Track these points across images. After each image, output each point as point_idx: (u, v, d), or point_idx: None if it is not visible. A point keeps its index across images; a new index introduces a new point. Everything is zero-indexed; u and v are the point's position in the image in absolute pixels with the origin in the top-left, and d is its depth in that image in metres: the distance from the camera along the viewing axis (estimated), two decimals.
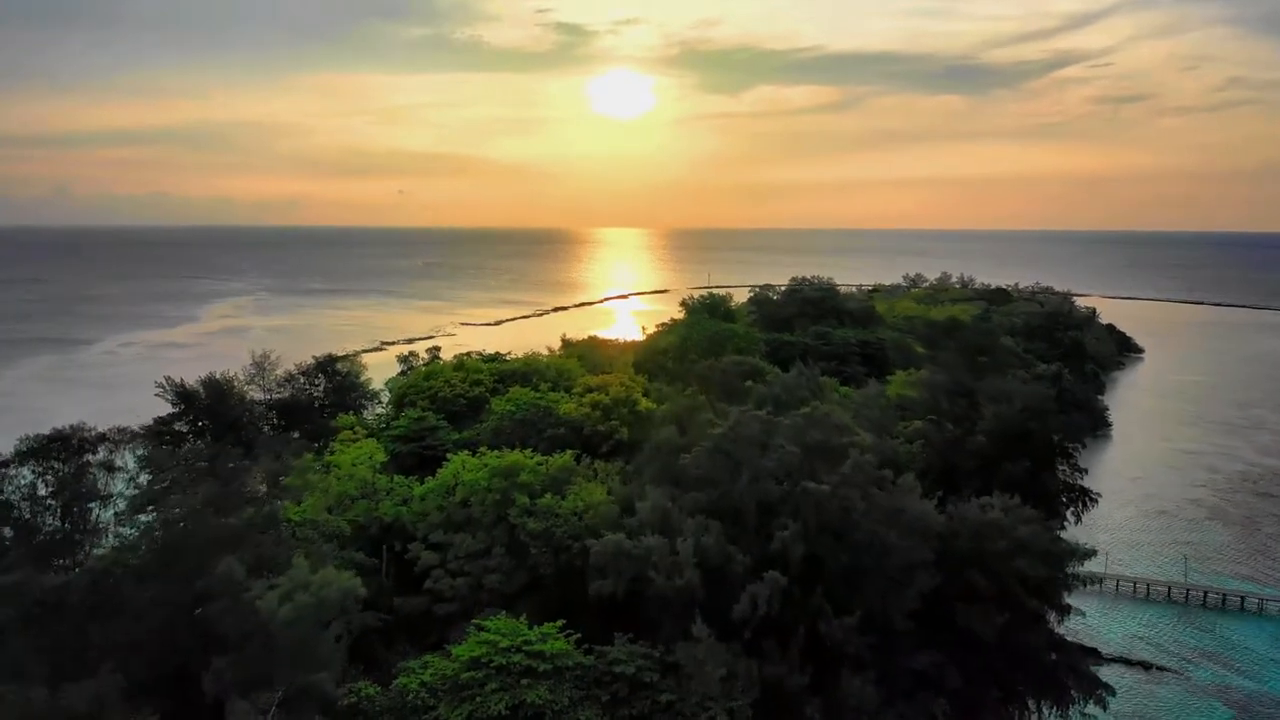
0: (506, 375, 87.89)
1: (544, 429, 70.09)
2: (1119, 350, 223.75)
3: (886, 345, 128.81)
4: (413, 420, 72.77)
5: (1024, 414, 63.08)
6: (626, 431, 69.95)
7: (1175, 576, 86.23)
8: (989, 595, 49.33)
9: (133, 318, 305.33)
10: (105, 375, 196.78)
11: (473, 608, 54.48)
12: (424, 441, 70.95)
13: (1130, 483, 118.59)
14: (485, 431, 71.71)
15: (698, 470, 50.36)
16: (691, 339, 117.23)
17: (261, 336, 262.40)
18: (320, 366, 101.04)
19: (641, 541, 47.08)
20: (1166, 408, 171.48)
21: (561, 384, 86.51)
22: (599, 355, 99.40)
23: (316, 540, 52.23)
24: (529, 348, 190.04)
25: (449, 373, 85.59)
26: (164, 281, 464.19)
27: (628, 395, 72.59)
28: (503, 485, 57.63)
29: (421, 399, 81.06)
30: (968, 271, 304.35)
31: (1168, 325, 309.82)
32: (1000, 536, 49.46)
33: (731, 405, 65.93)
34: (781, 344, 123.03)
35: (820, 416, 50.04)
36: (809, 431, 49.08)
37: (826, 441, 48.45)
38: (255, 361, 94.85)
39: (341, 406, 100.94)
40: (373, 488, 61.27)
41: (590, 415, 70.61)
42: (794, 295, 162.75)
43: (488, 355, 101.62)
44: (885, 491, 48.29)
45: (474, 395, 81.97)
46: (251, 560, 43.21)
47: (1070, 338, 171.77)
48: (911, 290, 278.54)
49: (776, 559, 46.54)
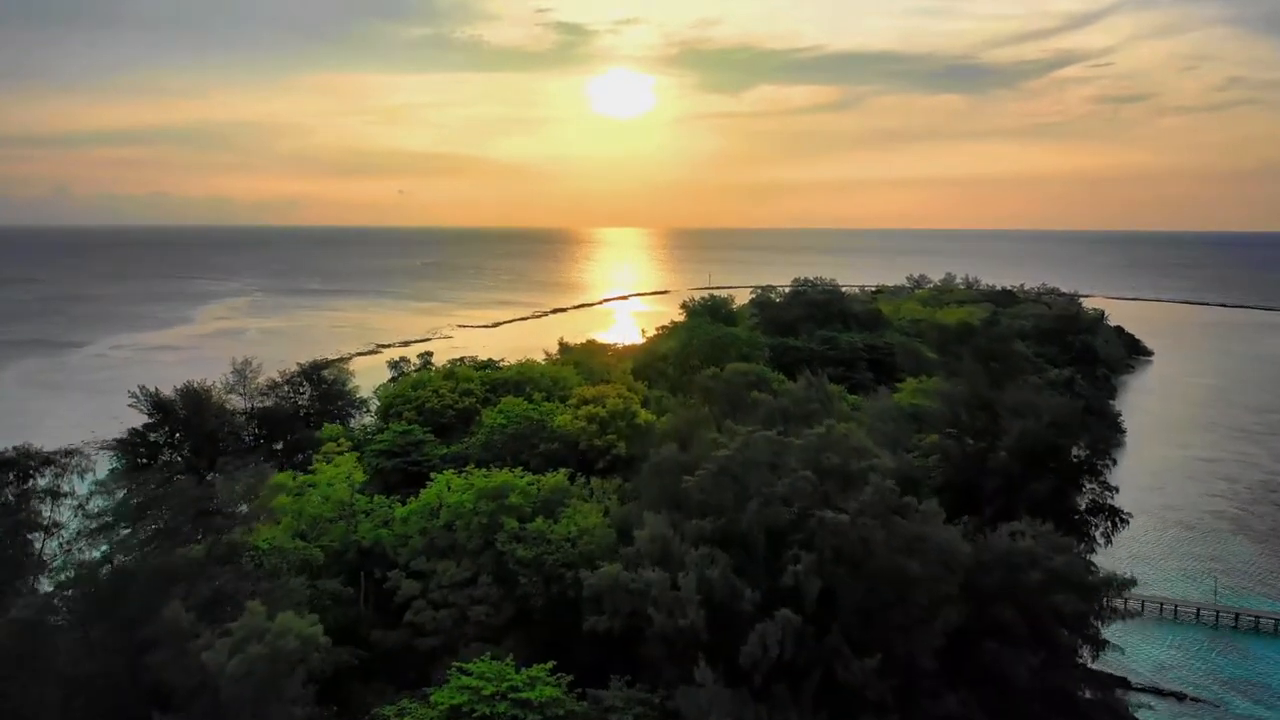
0: (498, 384, 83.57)
1: (536, 443, 65.81)
2: (1128, 353, 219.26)
3: (895, 350, 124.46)
4: (397, 434, 68.40)
5: (1051, 429, 58.75)
6: (624, 446, 65.67)
7: (1202, 596, 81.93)
8: (1021, 632, 45.04)
9: (126, 319, 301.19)
10: (93, 379, 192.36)
11: (457, 642, 50.24)
12: (409, 457, 66.65)
13: (1147, 493, 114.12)
14: (475, 446, 67.45)
15: (702, 495, 46.04)
16: (692, 344, 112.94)
17: (256, 338, 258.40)
18: (306, 373, 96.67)
19: (640, 575, 42.79)
20: (1180, 413, 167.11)
21: (556, 393, 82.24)
22: (596, 362, 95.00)
23: (285, 571, 47.92)
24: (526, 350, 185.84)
25: (438, 382, 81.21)
26: (160, 282, 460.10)
27: (625, 407, 68.28)
28: (490, 508, 53.36)
29: (408, 410, 76.72)
30: (970, 272, 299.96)
31: (1174, 326, 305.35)
32: (1033, 567, 45.14)
33: (737, 419, 61.71)
34: (786, 349, 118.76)
35: (836, 437, 45.72)
36: (824, 454, 44.78)
37: (844, 465, 44.16)
38: (236, 369, 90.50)
39: (328, 415, 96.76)
40: (351, 509, 56.99)
41: (586, 429, 66.31)
42: (798, 298, 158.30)
43: (479, 363, 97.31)
44: (908, 519, 43.95)
45: (463, 406, 77.65)
46: (207, 598, 38.98)
47: (1081, 341, 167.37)
48: (915, 291, 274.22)
49: (788, 595, 42.24)
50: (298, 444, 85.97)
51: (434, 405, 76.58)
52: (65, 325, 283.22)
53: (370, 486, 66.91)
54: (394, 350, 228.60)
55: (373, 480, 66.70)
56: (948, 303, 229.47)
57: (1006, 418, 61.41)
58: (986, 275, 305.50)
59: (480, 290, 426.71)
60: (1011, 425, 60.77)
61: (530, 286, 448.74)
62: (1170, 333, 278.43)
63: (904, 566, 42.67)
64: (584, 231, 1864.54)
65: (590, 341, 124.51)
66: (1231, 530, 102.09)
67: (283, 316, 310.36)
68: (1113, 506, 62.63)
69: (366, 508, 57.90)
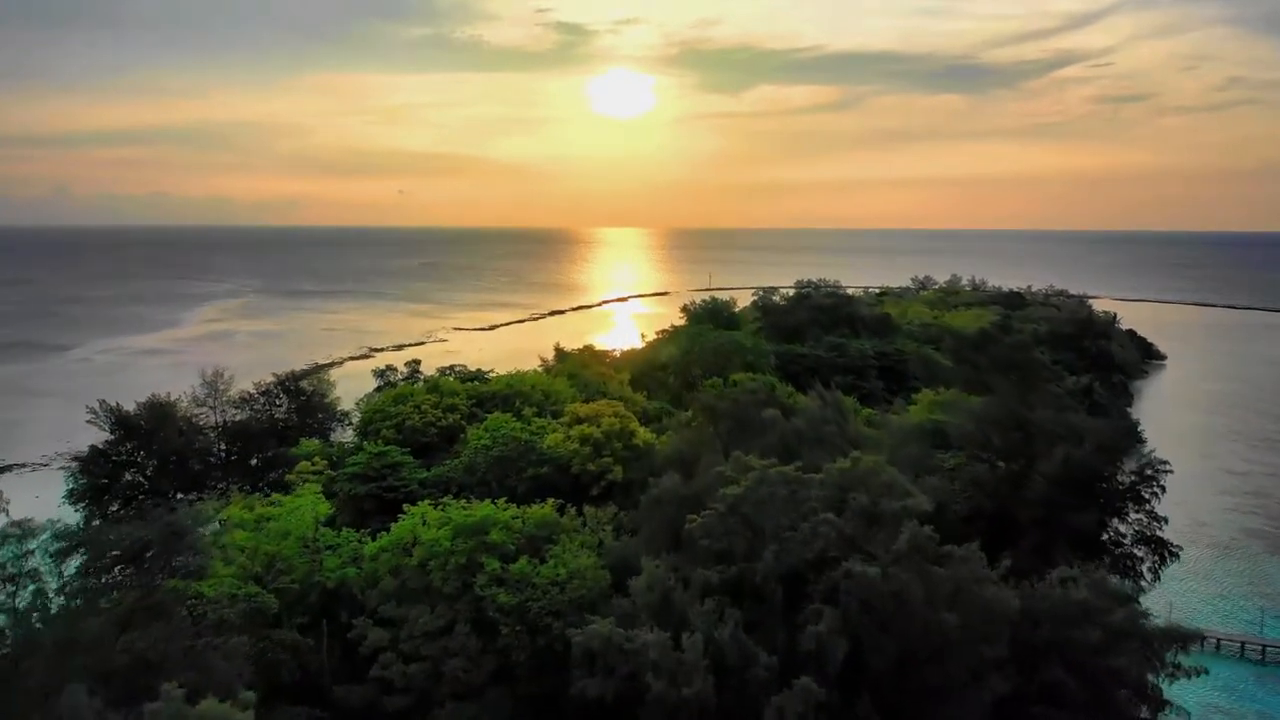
0: (486, 398, 77.56)
1: (524, 468, 59.81)
2: (1141, 357, 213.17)
3: (907, 358, 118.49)
4: (372, 456, 62.27)
5: (1098, 455, 52.86)
6: (621, 471, 59.68)
7: (1243, 627, 75.98)
8: (1075, 697, 39.13)
9: (116, 321, 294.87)
10: (74, 385, 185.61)
11: (430, 700, 44.39)
12: (384, 482, 60.62)
13: (1175, 508, 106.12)
14: (457, 469, 61.46)
15: (708, 540, 40.09)
16: (694, 352, 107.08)
17: (246, 341, 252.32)
18: (282, 385, 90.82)
19: (637, 636, 36.84)
20: (1199, 421, 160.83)
21: (548, 408, 76.26)
22: (591, 373, 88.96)
23: (232, 623, 41.96)
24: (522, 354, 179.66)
25: (420, 396, 75.12)
26: (155, 283, 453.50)
27: (622, 427, 62.25)
28: (469, 546, 47.39)
29: (387, 428, 70.69)
30: (972, 272, 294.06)
31: (1184, 328, 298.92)
32: (1089, 623, 39.21)
33: (745, 441, 55.82)
34: (793, 356, 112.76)
35: (864, 471, 39.78)
36: (851, 492, 38.86)
37: (873, 506, 38.22)
38: (206, 380, 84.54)
39: (307, 430, 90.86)
40: (316, 543, 51.04)
41: (579, 452, 60.30)
42: (803, 301, 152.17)
43: (467, 373, 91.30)
44: (946, 567, 38.02)
45: (447, 424, 71.59)
46: (125, 667, 33.06)
47: (1097, 346, 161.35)
48: (920, 293, 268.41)
49: (809, 658, 36.33)
50: (272, 462, 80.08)
51: (415, 423, 70.52)
52: (54, 327, 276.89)
53: (342, 515, 61.03)
54: (387, 355, 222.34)
55: (345, 508, 60.79)
56: (955, 305, 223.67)
57: (1042, 441, 55.47)
58: (990, 276, 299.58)
59: (477, 292, 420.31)
60: (1049, 448, 54.86)
61: (528, 288, 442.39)
62: (1180, 335, 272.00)
63: (944, 624, 36.77)
64: (584, 232, 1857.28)
65: (587, 348, 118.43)
66: (1269, 550, 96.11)
67: (275, 318, 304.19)
68: (1160, 538, 56.73)
69: (333, 542, 51.98)
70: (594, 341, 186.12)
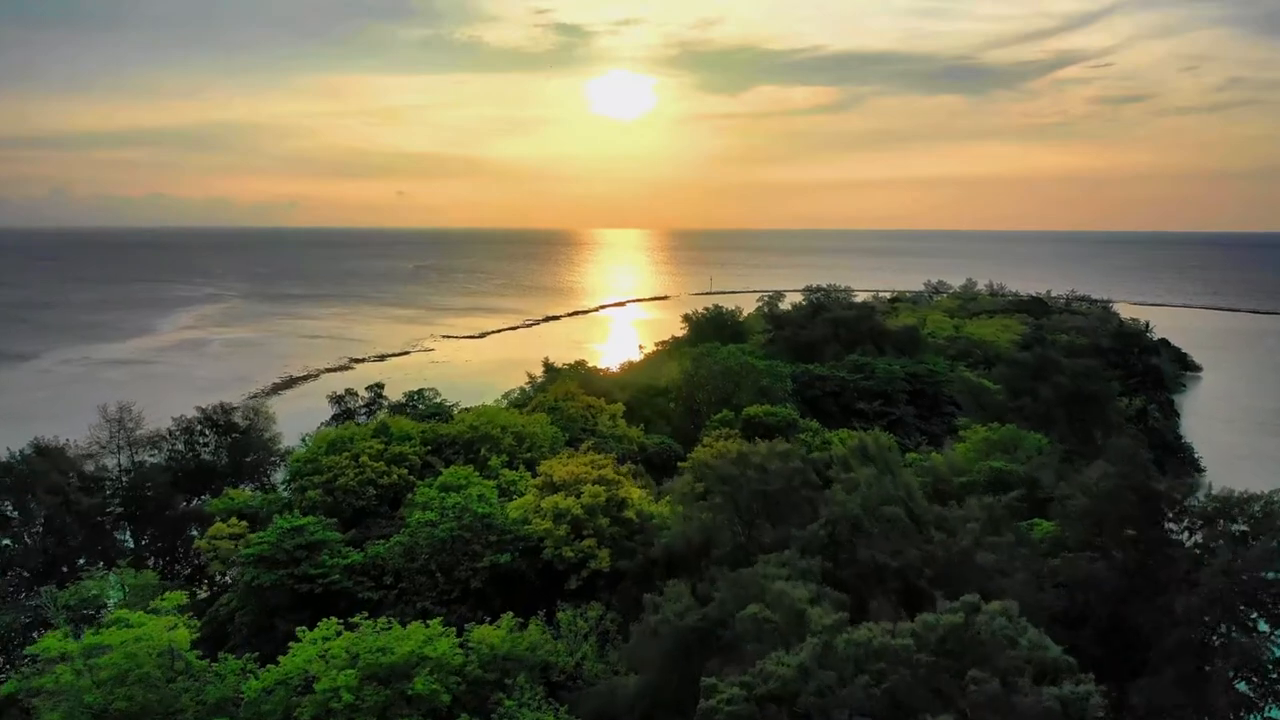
0: (445, 443, 62.75)
1: (480, 553, 45.00)
2: (1179, 368, 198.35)
3: (940, 379, 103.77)
4: (283, 533, 47.32)
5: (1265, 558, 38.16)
6: (607, 558, 44.86)
7: None
8: None
9: (87, 328, 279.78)
10: (25, 401, 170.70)
11: None
12: (298, 568, 45.78)
13: None
14: (395, 553, 46.68)
15: None
16: (699, 375, 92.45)
17: (219, 351, 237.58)
18: (209, 419, 76.17)
19: None
20: (1250, 442, 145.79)
21: (520, 456, 61.49)
22: (576, 407, 74.14)
23: None
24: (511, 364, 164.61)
25: (363, 441, 60.18)
26: (137, 286, 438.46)
27: (609, 497, 47.37)
28: (380, 699, 32.71)
29: (312, 488, 55.76)
30: (980, 274, 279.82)
31: (1211, 336, 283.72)
32: None
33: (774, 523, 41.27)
34: (812, 379, 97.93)
35: (982, 635, 24.89)
36: (969, 667, 24.10)
37: (1003, 696, 23.35)
38: (109, 417, 69.91)
39: (242, 473, 76.42)
40: (173, 672, 36.31)
41: (552, 532, 45.48)
42: (819, 313, 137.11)
43: (428, 409, 76.58)
44: None
45: (390, 482, 56.66)
46: None
47: (1144, 362, 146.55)
48: (935, 299, 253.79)
49: None
50: (176, 522, 65.44)
51: (349, 482, 55.46)
52: (18, 335, 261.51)
53: (243, 614, 46.36)
54: (368, 366, 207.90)
55: (246, 604, 46.10)
56: (976, 313, 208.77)
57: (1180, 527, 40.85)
58: (995, 278, 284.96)
59: (471, 295, 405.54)
60: (1214, 561, 40.18)
61: (523, 291, 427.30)
62: (1210, 344, 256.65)
63: None
64: (583, 233, 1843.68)
65: (578, 364, 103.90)
66: None
67: (255, 325, 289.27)
68: None
69: (202, 673, 37.20)
70: (589, 351, 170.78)
